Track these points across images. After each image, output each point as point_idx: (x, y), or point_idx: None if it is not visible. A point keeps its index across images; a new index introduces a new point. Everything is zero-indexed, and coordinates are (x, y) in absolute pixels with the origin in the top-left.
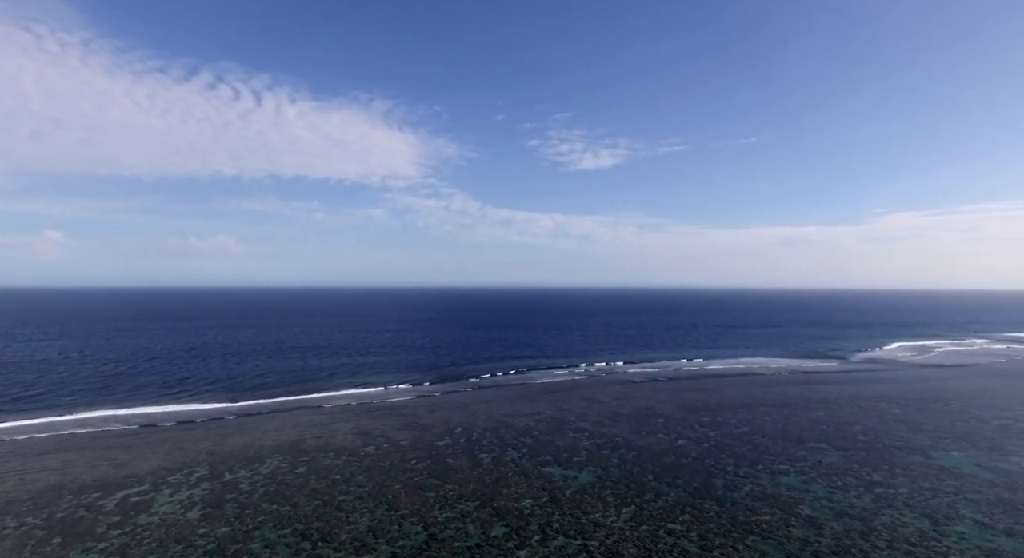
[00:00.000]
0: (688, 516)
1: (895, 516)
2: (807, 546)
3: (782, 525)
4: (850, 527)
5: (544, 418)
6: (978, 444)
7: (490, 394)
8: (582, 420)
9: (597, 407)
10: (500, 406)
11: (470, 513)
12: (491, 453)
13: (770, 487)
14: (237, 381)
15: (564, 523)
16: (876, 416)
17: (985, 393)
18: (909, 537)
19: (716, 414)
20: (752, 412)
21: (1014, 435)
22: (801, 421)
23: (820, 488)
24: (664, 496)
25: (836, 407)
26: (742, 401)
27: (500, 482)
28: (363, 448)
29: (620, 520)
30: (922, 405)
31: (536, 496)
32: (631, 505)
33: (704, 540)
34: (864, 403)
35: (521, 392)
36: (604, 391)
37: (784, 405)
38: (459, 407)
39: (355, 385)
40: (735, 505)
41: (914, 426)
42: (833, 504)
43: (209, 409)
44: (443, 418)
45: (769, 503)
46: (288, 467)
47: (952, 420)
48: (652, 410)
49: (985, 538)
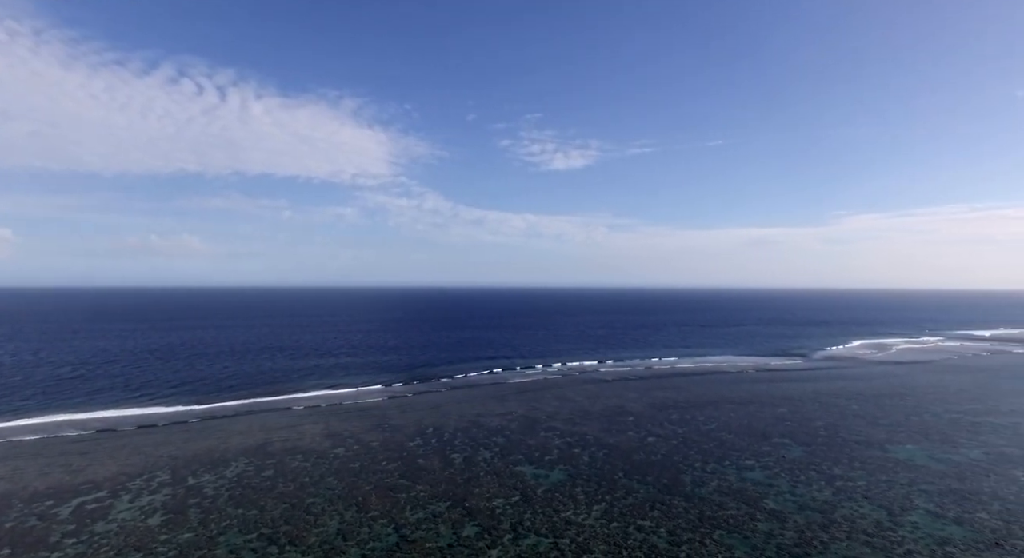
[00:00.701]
0: (657, 512)
1: (854, 508)
2: (771, 539)
3: (748, 519)
4: (812, 519)
5: (516, 417)
6: (931, 437)
7: (462, 394)
8: (553, 419)
9: (568, 406)
10: (472, 406)
11: (442, 513)
12: (463, 453)
13: (736, 482)
14: (201, 383)
15: (536, 521)
16: (837, 412)
17: (938, 389)
18: (867, 528)
19: (684, 412)
20: (719, 409)
21: (963, 428)
22: (766, 417)
23: (784, 482)
24: (634, 493)
25: (799, 404)
26: (709, 399)
27: (472, 482)
28: (332, 450)
29: (591, 517)
30: (879, 401)
31: (508, 495)
32: (602, 502)
33: (673, 535)
34: (825, 399)
35: (493, 392)
36: (575, 390)
37: (750, 402)
38: (431, 408)
39: (325, 386)
40: (703, 500)
41: (872, 421)
42: (796, 498)
43: (172, 412)
44: (414, 419)
45: (735, 498)
46: (254, 470)
47: (907, 415)
48: (622, 408)
49: (936, 527)
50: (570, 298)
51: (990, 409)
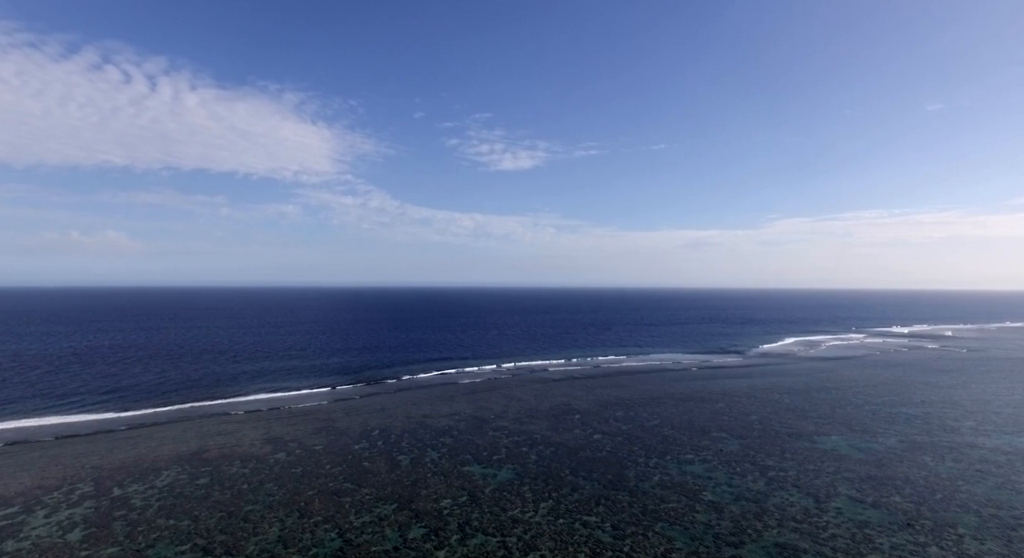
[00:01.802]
0: (602, 507)
1: (785, 497)
2: (709, 529)
3: (688, 511)
4: (747, 509)
5: (464, 417)
6: (854, 428)
7: (409, 395)
8: (502, 418)
9: (517, 405)
10: (419, 407)
11: (388, 516)
12: (410, 454)
13: (677, 476)
14: (131, 389)
15: (483, 521)
16: (770, 406)
17: (860, 383)
18: (796, 515)
19: (629, 409)
20: (662, 406)
21: (882, 419)
22: (705, 413)
23: (721, 474)
24: (580, 489)
25: (736, 399)
26: (653, 395)
27: (419, 483)
28: (273, 455)
29: (538, 515)
30: (809, 395)
31: (456, 495)
32: (549, 500)
33: (617, 530)
34: (760, 394)
35: (441, 393)
36: (524, 389)
37: (690, 398)
38: (377, 410)
39: (265, 390)
40: (646, 495)
41: (801, 414)
42: (732, 489)
43: (97, 420)
44: (360, 421)
45: (676, 491)
46: (188, 478)
47: (833, 407)
48: (569, 406)
49: (857, 511)
50: (519, 298)
51: (904, 401)
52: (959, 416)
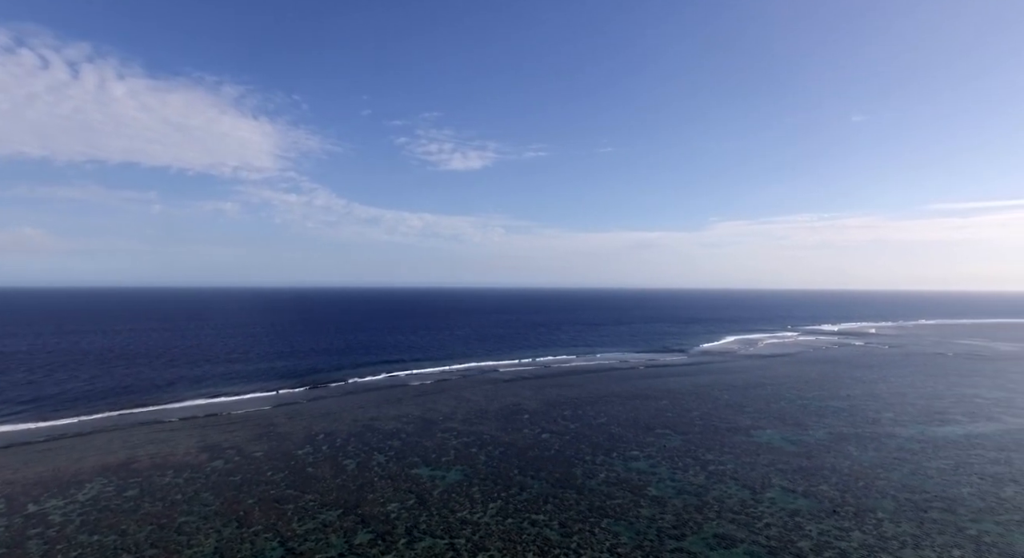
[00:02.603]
0: (550, 506)
1: (723, 489)
2: (653, 523)
3: (632, 506)
4: (688, 503)
5: (412, 419)
6: (786, 422)
7: (356, 399)
8: (451, 420)
9: (466, 406)
10: (367, 410)
11: (332, 522)
12: (356, 458)
13: (623, 472)
14: (52, 398)
15: (431, 523)
16: (711, 402)
17: (794, 379)
18: (733, 506)
19: (577, 408)
20: (609, 404)
21: (812, 413)
22: (650, 410)
23: (664, 470)
24: (528, 489)
25: (679, 396)
26: (600, 394)
27: (365, 488)
28: (209, 463)
29: (487, 515)
30: (746, 391)
31: (403, 499)
32: (497, 500)
33: (564, 527)
34: (701, 391)
35: (389, 395)
36: (473, 390)
37: (636, 397)
38: (322, 414)
39: (203, 395)
40: (592, 492)
41: (739, 409)
42: (675, 483)
43: (9, 432)
44: (303, 426)
45: (622, 487)
46: (115, 490)
47: (768, 403)
48: (519, 406)
49: (788, 501)
50: (469, 298)
51: (832, 395)
52: (880, 408)
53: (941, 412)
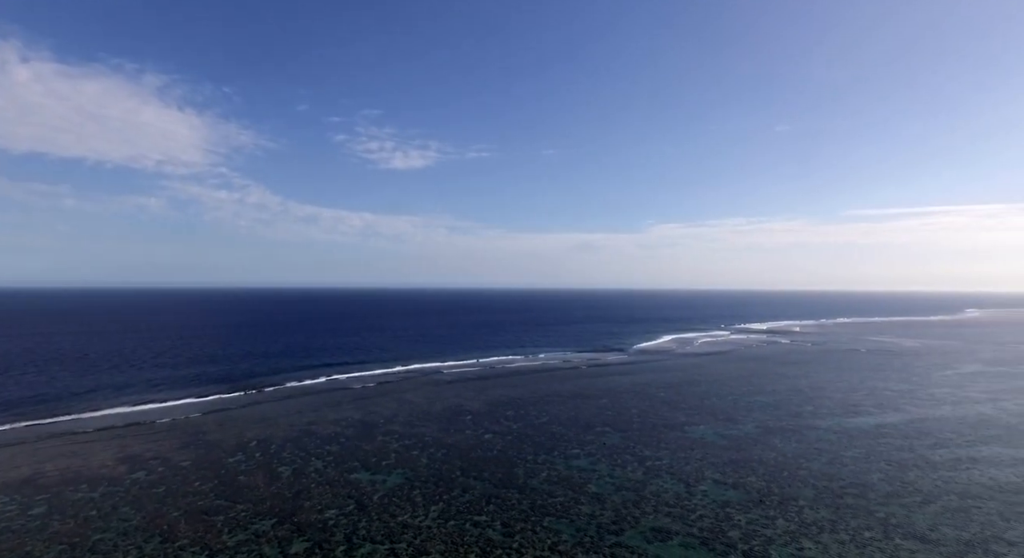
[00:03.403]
0: (493, 506)
1: (660, 484)
2: (593, 520)
3: (573, 504)
4: (627, 498)
5: (352, 423)
6: (719, 417)
7: (293, 403)
8: (392, 422)
9: (407, 408)
10: (304, 415)
11: (266, 532)
12: (291, 465)
13: (564, 470)
14: None
15: (371, 529)
16: (648, 400)
17: (725, 376)
18: (669, 500)
19: (519, 408)
20: (550, 404)
21: (741, 408)
22: (590, 409)
23: (604, 467)
24: (471, 490)
25: (618, 395)
26: (543, 394)
27: (302, 495)
28: (129, 475)
29: (428, 519)
30: (681, 388)
31: (342, 505)
32: (439, 503)
33: (507, 527)
34: (640, 389)
35: (328, 399)
36: (415, 392)
37: (577, 396)
38: (256, 420)
39: (124, 403)
40: (534, 491)
41: (675, 406)
42: (614, 480)
43: None
44: (235, 433)
45: (563, 485)
46: (18, 509)
47: (702, 399)
48: (461, 408)
49: (720, 492)
50: (411, 299)
51: (760, 390)
52: (802, 402)
53: (855, 404)
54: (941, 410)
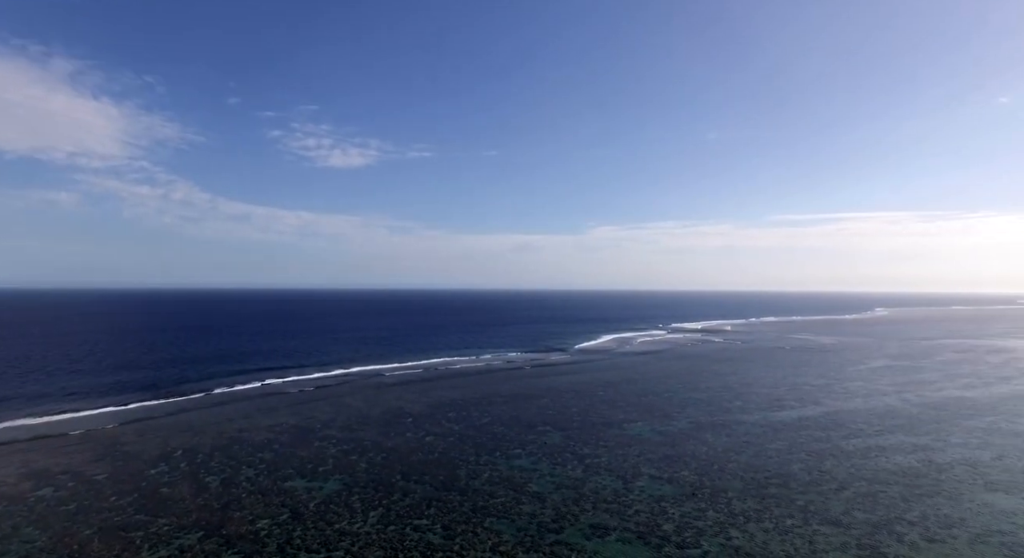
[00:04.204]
0: (434, 510)
1: (599, 481)
2: (534, 519)
3: (514, 503)
4: (567, 496)
5: (286, 429)
6: (654, 414)
7: (224, 410)
8: (329, 427)
9: (346, 412)
10: (235, 422)
11: (192, 547)
12: (220, 475)
13: (506, 471)
14: None
15: (307, 538)
16: (588, 399)
17: (661, 374)
18: (607, 497)
19: (462, 409)
20: (492, 404)
21: (676, 405)
22: (532, 409)
23: (545, 466)
24: (412, 494)
25: (559, 394)
26: (485, 395)
27: (231, 506)
28: (34, 492)
29: (367, 525)
30: (620, 387)
31: (275, 514)
32: (379, 508)
33: (448, 530)
34: (580, 388)
35: (261, 404)
36: (355, 396)
37: (518, 396)
38: (182, 428)
39: (29, 414)
40: (476, 492)
41: (613, 404)
42: (554, 478)
43: None
44: (158, 442)
45: (504, 485)
46: None
47: (639, 397)
48: (402, 410)
49: (655, 487)
50: (351, 300)
51: (694, 387)
52: (731, 398)
53: (779, 399)
54: (854, 402)
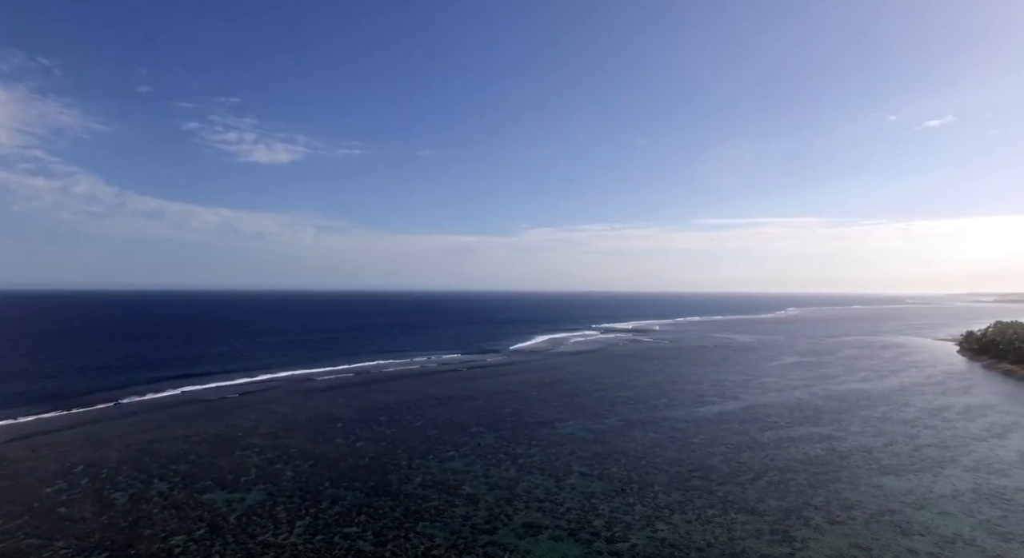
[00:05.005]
0: (364, 516)
1: (532, 480)
2: (467, 521)
3: (448, 506)
4: (500, 496)
5: (205, 438)
6: (586, 413)
7: (133, 421)
8: (252, 435)
9: (271, 419)
10: (146, 433)
11: None
12: (128, 490)
13: (439, 473)
14: None
15: (226, 553)
16: (522, 399)
17: (593, 373)
18: (540, 495)
19: (394, 413)
20: (426, 407)
21: (605, 403)
22: (466, 410)
23: (479, 467)
24: (341, 501)
25: (493, 395)
26: (418, 397)
27: (141, 523)
28: None
29: (293, 535)
30: (554, 387)
31: (191, 529)
32: (306, 517)
33: (379, 536)
34: (514, 389)
35: (177, 413)
36: (282, 402)
37: (452, 398)
38: (83, 442)
39: None
40: (408, 496)
41: (547, 404)
42: (488, 479)
43: None
44: (55, 458)
45: (437, 489)
46: None
47: (571, 396)
48: (332, 416)
49: (586, 484)
50: (277, 302)
51: (624, 386)
52: (658, 395)
53: (702, 395)
54: (768, 397)
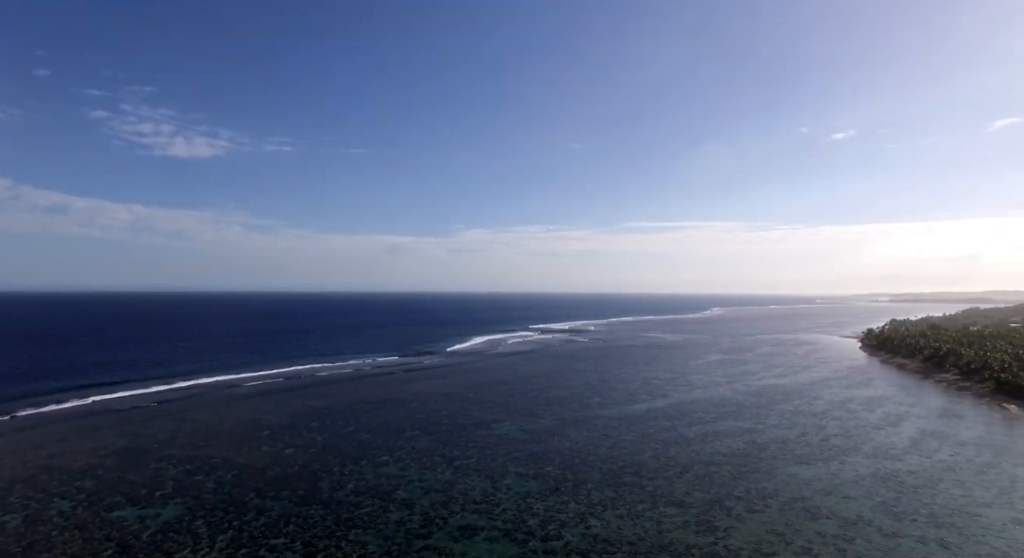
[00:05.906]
0: (293, 526)
1: (467, 483)
2: (401, 526)
3: (381, 512)
4: (436, 500)
5: (114, 451)
6: (522, 413)
7: (28, 435)
8: (169, 446)
9: (190, 428)
10: (45, 447)
11: None
12: (22, 511)
13: (372, 479)
14: None
15: None
16: (458, 401)
17: (530, 373)
18: (476, 497)
19: (325, 418)
20: (359, 411)
21: (541, 403)
22: (401, 414)
23: (414, 471)
24: (267, 512)
25: (429, 398)
26: (351, 402)
27: (37, 546)
28: None
29: (215, 550)
30: (491, 388)
31: (97, 550)
32: (228, 531)
33: (308, 546)
34: (450, 391)
35: (82, 426)
36: (203, 410)
37: (387, 401)
38: None
39: None
40: (340, 504)
41: (483, 405)
42: (423, 483)
43: None
44: None
45: (371, 495)
46: None
47: (507, 397)
48: (258, 423)
49: (522, 484)
50: (199, 303)
51: (559, 385)
52: (591, 394)
53: (633, 394)
54: (694, 394)
